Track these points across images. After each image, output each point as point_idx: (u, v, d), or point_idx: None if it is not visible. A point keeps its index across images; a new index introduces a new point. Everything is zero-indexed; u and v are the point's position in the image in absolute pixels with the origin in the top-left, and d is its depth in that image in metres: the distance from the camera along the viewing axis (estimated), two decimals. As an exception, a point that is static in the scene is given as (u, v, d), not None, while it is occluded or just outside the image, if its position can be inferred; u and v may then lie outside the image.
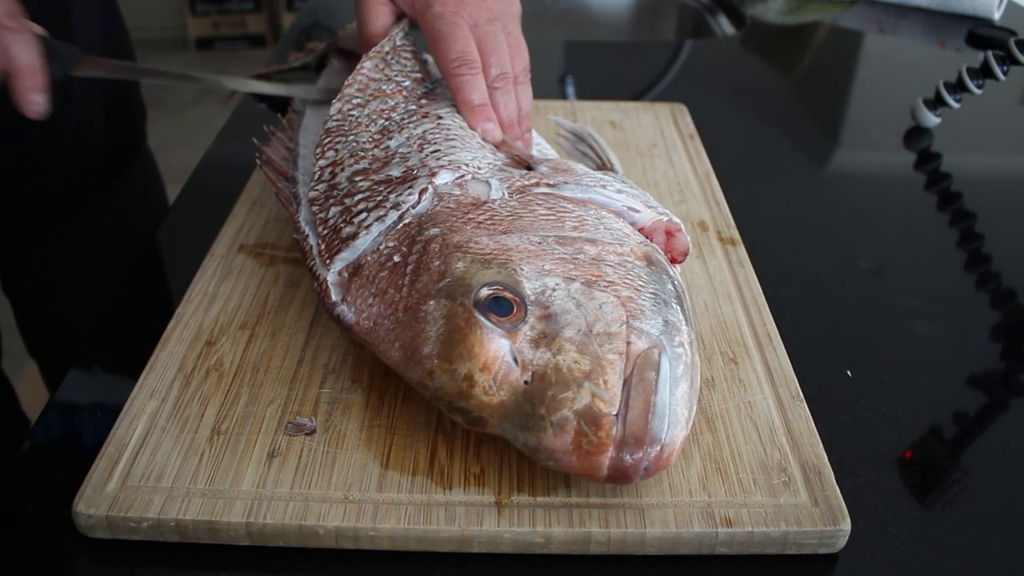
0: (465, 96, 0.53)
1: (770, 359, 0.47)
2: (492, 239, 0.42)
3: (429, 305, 0.40)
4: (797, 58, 1.03)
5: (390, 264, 0.43)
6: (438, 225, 0.43)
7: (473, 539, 0.38)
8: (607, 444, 0.35)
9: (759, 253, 0.57)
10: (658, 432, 0.36)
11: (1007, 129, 0.84)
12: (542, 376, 0.37)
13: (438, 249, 0.41)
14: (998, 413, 0.48)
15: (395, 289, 0.42)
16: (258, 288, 0.52)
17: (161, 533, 0.38)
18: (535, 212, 0.44)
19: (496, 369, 0.37)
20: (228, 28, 3.38)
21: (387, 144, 0.51)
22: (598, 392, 0.36)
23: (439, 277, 0.40)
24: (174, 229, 0.64)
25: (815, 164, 0.76)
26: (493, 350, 0.38)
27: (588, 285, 0.39)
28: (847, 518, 0.38)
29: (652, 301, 0.39)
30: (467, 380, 0.38)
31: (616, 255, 0.42)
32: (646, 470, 0.36)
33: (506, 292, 0.39)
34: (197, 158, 0.73)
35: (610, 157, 0.56)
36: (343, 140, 0.52)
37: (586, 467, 0.36)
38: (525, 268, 0.40)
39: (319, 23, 1.09)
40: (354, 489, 0.39)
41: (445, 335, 0.39)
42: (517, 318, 0.38)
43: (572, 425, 0.36)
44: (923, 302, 0.56)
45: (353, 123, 0.53)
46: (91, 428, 0.45)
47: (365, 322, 0.42)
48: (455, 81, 0.53)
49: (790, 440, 0.42)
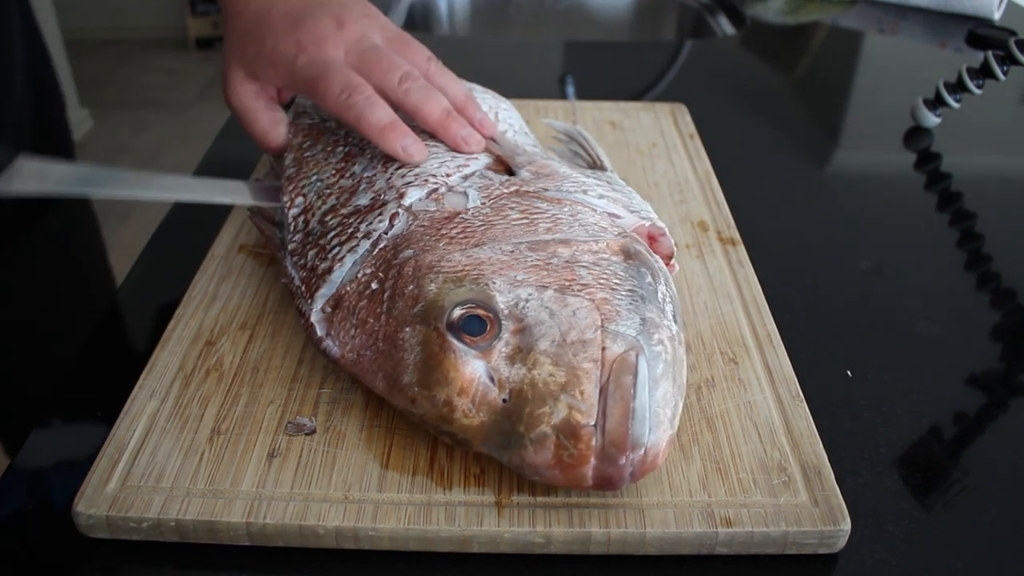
0: (367, 121, 0.47)
1: (770, 359, 0.47)
2: (464, 254, 0.42)
3: (406, 332, 0.40)
4: (797, 58, 1.03)
5: (368, 292, 0.42)
6: (412, 246, 0.43)
7: (473, 539, 0.38)
8: (588, 455, 0.35)
9: (759, 253, 0.57)
10: (640, 437, 0.35)
11: (1007, 129, 0.84)
12: (519, 393, 0.37)
13: (411, 272, 0.41)
14: (998, 413, 0.48)
15: (374, 318, 0.42)
16: (258, 288, 0.52)
17: (161, 533, 0.38)
18: (508, 218, 0.44)
19: (473, 391, 0.38)
20: (228, 28, 3.37)
21: (352, 170, 0.51)
22: (575, 404, 0.36)
23: (413, 302, 0.40)
24: (174, 229, 0.64)
25: (815, 164, 0.76)
26: (468, 373, 0.38)
27: (561, 291, 0.39)
28: (847, 518, 0.38)
29: (629, 299, 0.39)
30: (447, 405, 0.38)
31: (591, 254, 0.41)
32: (632, 475, 0.36)
33: (478, 309, 0.38)
34: (197, 158, 0.73)
35: (599, 154, 0.56)
36: (307, 182, 0.51)
37: (570, 479, 0.36)
38: (497, 281, 0.40)
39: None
40: (354, 489, 0.39)
41: (422, 362, 0.39)
42: (491, 335, 0.38)
43: (551, 440, 0.36)
44: (923, 302, 0.56)
45: (311, 163, 0.53)
46: (91, 428, 0.45)
47: (349, 355, 0.42)
48: (350, 114, 0.48)
49: (790, 440, 0.42)
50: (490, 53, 1.01)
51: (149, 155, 2.68)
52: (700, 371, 0.46)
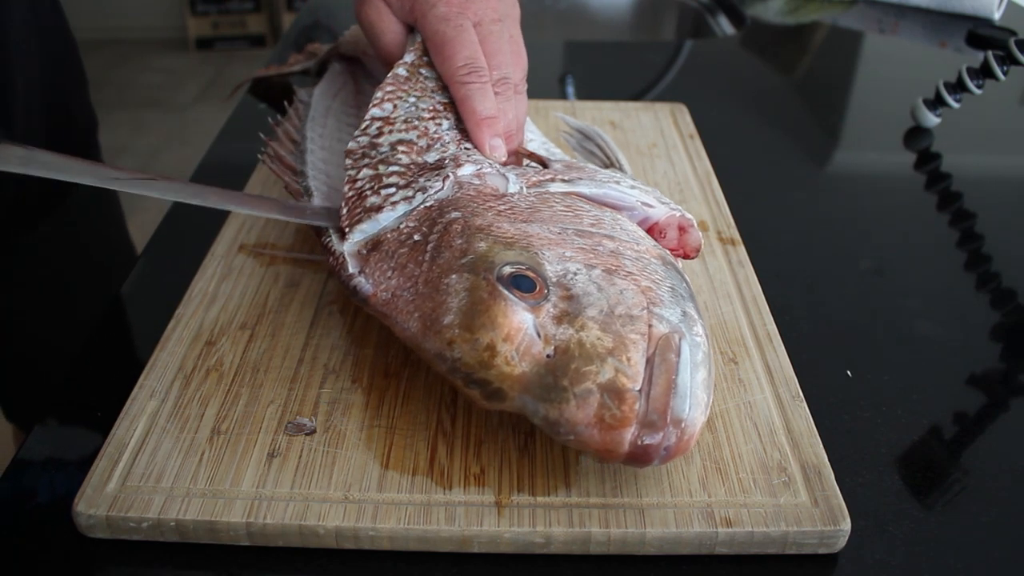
0: (473, 106, 0.50)
1: (770, 359, 0.47)
2: (513, 226, 0.42)
3: (451, 279, 0.40)
4: (797, 58, 1.03)
5: (410, 242, 0.43)
6: (459, 209, 0.43)
7: (473, 539, 0.38)
8: (630, 419, 0.35)
9: (759, 253, 0.57)
10: (680, 412, 0.35)
11: (1007, 129, 0.84)
12: (565, 350, 0.37)
13: (460, 229, 0.42)
14: (998, 413, 0.48)
15: (415, 264, 0.42)
16: (258, 288, 0.52)
17: (161, 533, 0.38)
18: (553, 208, 0.44)
19: (519, 340, 0.37)
20: (228, 28, 3.38)
21: (440, 122, 0.51)
22: (621, 368, 0.36)
23: (461, 254, 0.40)
24: (174, 229, 0.64)
25: (815, 164, 0.76)
26: (517, 322, 0.37)
27: (609, 272, 0.39)
28: (847, 518, 0.38)
29: (670, 293, 0.40)
30: (488, 350, 0.37)
31: (634, 251, 0.42)
32: (667, 450, 0.35)
33: (528, 271, 0.39)
34: (197, 158, 0.73)
35: (618, 156, 0.56)
36: (403, 99, 0.51)
37: (607, 442, 0.35)
38: (547, 253, 0.40)
39: (319, 23, 1.09)
40: (354, 489, 0.39)
41: (468, 306, 0.38)
42: (540, 296, 0.38)
43: (595, 398, 0.35)
44: (923, 302, 0.56)
45: (419, 85, 0.52)
46: (91, 428, 0.45)
47: (383, 293, 0.42)
48: (463, 90, 0.51)
49: (790, 440, 0.42)
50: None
51: (148, 155, 2.68)
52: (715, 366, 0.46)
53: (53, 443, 0.45)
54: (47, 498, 0.41)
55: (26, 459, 0.44)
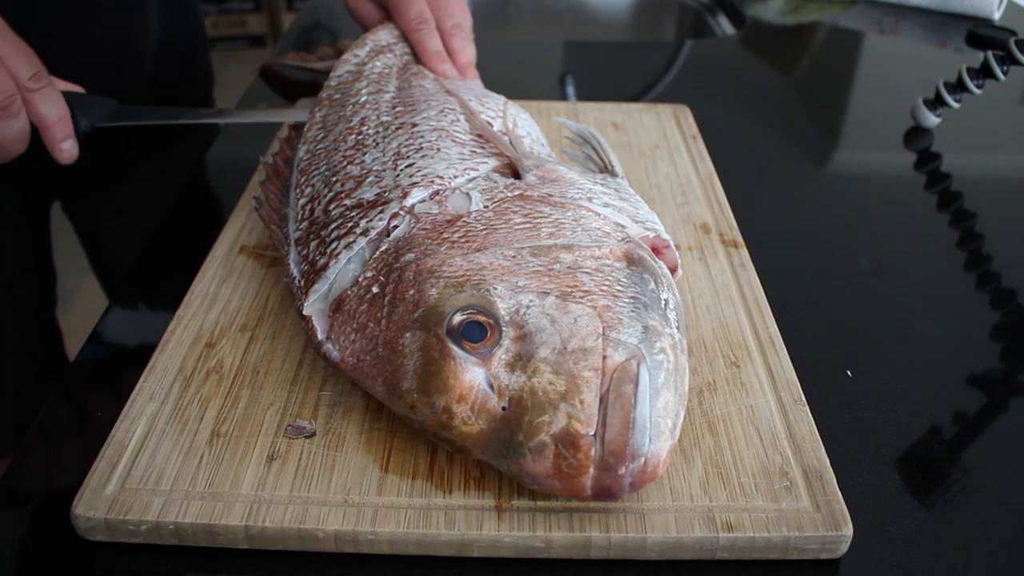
0: (425, 46, 0.65)
1: (772, 362, 0.47)
2: (465, 259, 0.41)
3: (406, 338, 0.40)
4: (797, 58, 1.02)
5: (369, 296, 0.42)
6: (413, 249, 0.43)
7: (473, 543, 0.38)
8: (587, 465, 0.35)
9: (760, 254, 0.56)
10: (640, 447, 0.35)
11: (1007, 129, 0.84)
12: (518, 401, 0.37)
13: (412, 277, 0.41)
14: (998, 413, 0.48)
15: (375, 323, 0.41)
16: (258, 290, 0.52)
17: (160, 536, 0.38)
18: (510, 222, 0.44)
19: (472, 399, 0.37)
20: (228, 28, 3.37)
21: (362, 159, 0.51)
22: (574, 413, 0.36)
23: (414, 307, 0.40)
24: (174, 230, 0.64)
25: (815, 164, 0.76)
26: (468, 380, 0.37)
27: (563, 298, 0.39)
28: (849, 523, 0.38)
29: (631, 307, 0.39)
30: (446, 412, 0.38)
31: (594, 260, 0.41)
32: (631, 485, 0.36)
33: (479, 316, 0.38)
34: (197, 158, 0.73)
35: (611, 159, 0.56)
36: (317, 173, 0.52)
37: (569, 490, 0.36)
38: (499, 287, 0.39)
39: (319, 23, 1.09)
40: (353, 492, 0.39)
41: (422, 368, 0.39)
42: (492, 341, 0.38)
43: (550, 450, 0.36)
44: (923, 302, 0.56)
45: (322, 154, 0.53)
46: (90, 430, 0.45)
47: (349, 359, 0.42)
48: (415, 36, 0.65)
49: (792, 444, 0.42)
50: (490, 53, 1.01)
51: (148, 155, 2.67)
52: (702, 374, 0.46)
53: (53, 444, 0.45)
54: (46, 500, 0.41)
55: (25, 461, 0.44)
